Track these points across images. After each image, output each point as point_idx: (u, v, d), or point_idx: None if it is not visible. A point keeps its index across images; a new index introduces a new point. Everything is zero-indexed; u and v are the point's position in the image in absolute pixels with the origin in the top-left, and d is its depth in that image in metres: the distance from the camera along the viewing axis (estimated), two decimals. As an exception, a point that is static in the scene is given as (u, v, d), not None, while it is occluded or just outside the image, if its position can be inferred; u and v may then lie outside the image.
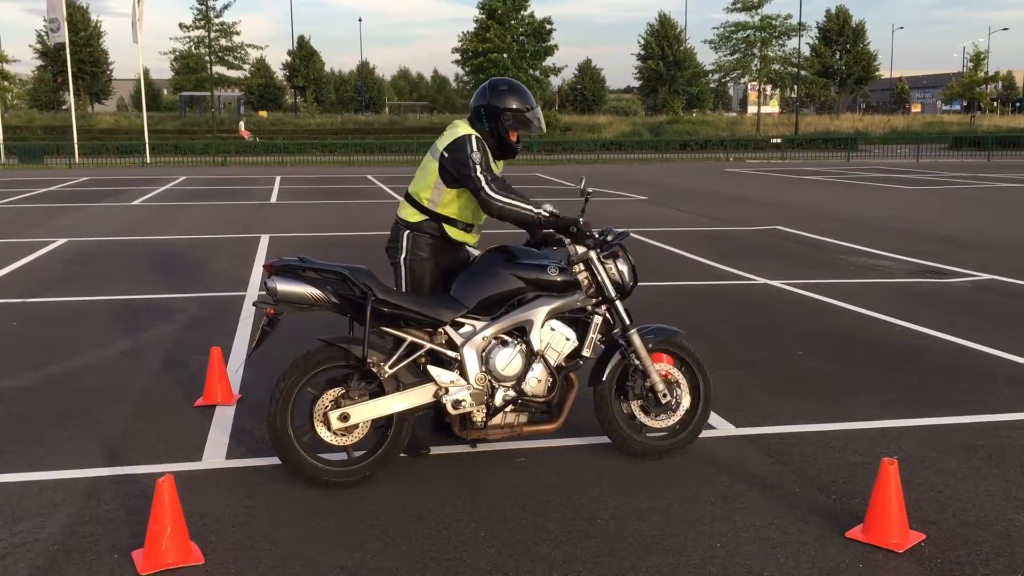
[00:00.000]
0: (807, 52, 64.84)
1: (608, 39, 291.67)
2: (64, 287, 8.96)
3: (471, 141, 4.21)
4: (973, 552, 3.41)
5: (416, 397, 4.01)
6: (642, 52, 69.21)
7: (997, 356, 6.21)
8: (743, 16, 56.12)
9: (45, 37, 52.37)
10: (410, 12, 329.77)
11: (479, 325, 4.10)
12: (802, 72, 58.50)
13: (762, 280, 9.23)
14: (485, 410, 4.09)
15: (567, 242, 4.27)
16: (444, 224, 4.36)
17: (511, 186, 4.50)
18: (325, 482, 3.97)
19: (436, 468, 4.24)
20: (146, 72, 49.93)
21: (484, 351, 4.08)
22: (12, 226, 14.09)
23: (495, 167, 4.36)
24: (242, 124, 48.20)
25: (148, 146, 35.35)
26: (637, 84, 72.51)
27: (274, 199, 19.28)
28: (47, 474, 4.17)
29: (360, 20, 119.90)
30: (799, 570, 3.28)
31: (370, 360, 3.91)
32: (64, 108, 61.63)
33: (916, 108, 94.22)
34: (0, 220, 15.02)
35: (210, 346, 5.42)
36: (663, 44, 67.98)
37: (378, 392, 3.98)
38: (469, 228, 4.41)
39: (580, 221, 4.21)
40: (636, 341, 4.24)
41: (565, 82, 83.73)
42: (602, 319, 4.27)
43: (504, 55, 51.64)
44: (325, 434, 3.95)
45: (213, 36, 56.86)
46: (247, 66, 62.26)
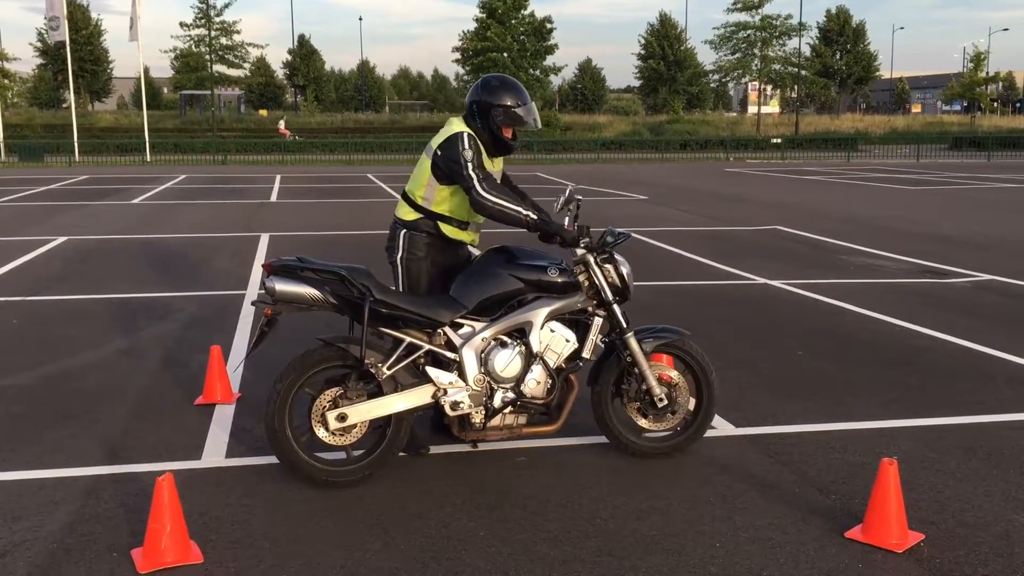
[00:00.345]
0: (807, 52, 64.90)
1: (608, 39, 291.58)
2: (64, 285, 8.96)
3: (463, 139, 4.19)
4: (972, 552, 3.41)
5: (414, 398, 4.01)
6: (642, 52, 69.18)
7: (997, 356, 6.21)
8: (743, 16, 56.16)
9: (45, 35, 52.36)
10: (410, 11, 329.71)
11: (478, 326, 4.09)
12: (802, 72, 58.51)
13: (762, 280, 9.23)
14: (484, 411, 4.08)
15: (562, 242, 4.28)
16: (439, 222, 4.34)
17: (509, 185, 4.50)
18: (323, 482, 3.97)
19: (436, 467, 4.24)
20: (146, 71, 49.96)
21: (483, 352, 4.07)
22: (12, 224, 14.09)
23: (491, 164, 4.33)
24: (282, 123, 48.26)
25: (148, 145, 35.36)
26: (637, 84, 72.47)
27: (274, 198, 19.28)
28: (46, 472, 4.17)
29: (360, 19, 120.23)
30: (798, 570, 3.28)
31: (368, 361, 3.91)
32: (64, 106, 61.62)
33: (916, 108, 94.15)
34: (0, 218, 15.03)
35: (210, 345, 5.41)
36: (663, 44, 67.92)
37: (376, 392, 3.98)
38: (464, 226, 4.38)
39: (566, 230, 4.17)
40: (632, 344, 4.22)
41: (565, 81, 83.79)
42: (602, 320, 4.26)
43: (504, 54, 51.63)
44: (323, 434, 3.95)
45: (213, 35, 56.85)
46: (247, 65, 62.29)
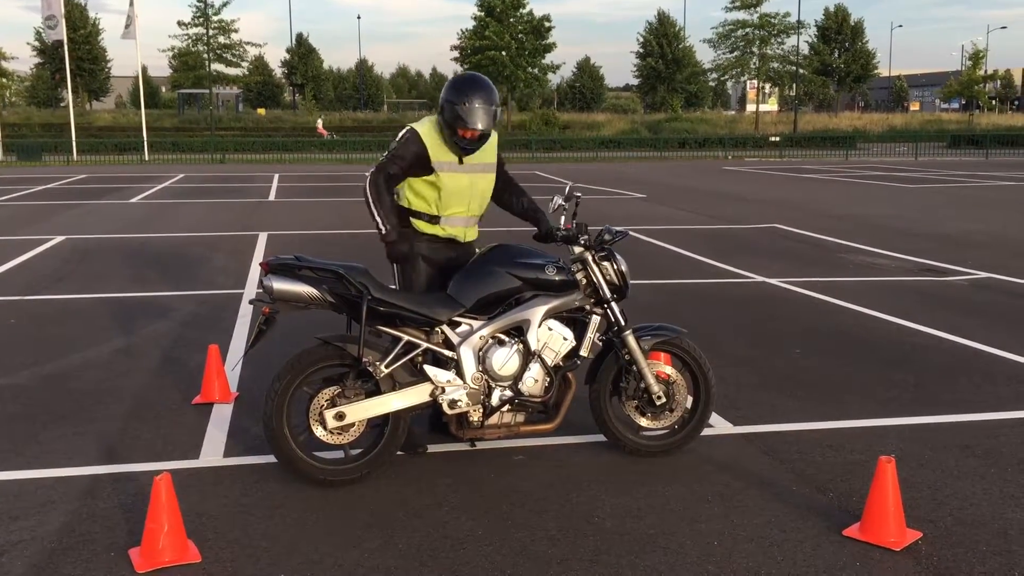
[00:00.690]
0: (806, 50, 64.84)
1: (607, 37, 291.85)
2: (61, 285, 8.95)
3: (406, 130, 4.33)
4: (970, 550, 3.41)
5: (412, 396, 4.00)
6: (641, 50, 69.17)
7: (995, 354, 6.21)
8: (742, 14, 56.19)
9: (43, 34, 52.30)
10: (409, 10, 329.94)
11: (476, 324, 4.08)
12: (801, 70, 58.52)
13: (760, 278, 9.23)
14: (482, 410, 4.08)
15: (559, 239, 4.28)
16: (411, 217, 4.36)
17: (508, 184, 4.48)
18: (321, 481, 3.97)
19: (434, 466, 4.24)
20: (144, 69, 49.88)
21: (481, 350, 4.06)
22: (10, 223, 14.08)
23: (450, 157, 4.26)
24: (320, 122, 48.20)
25: (146, 143, 35.35)
26: (636, 82, 72.47)
27: (272, 197, 19.27)
28: (44, 472, 4.17)
29: (359, 18, 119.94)
30: (796, 568, 3.28)
31: (366, 359, 3.90)
32: (62, 105, 61.54)
33: (915, 106, 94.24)
34: (-2, 217, 15.02)
35: (208, 344, 5.42)
36: (662, 42, 67.90)
37: (374, 391, 3.98)
38: (435, 220, 4.34)
39: (403, 249, 4.17)
40: (631, 342, 4.22)
41: (564, 80, 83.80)
42: (600, 319, 4.26)
43: (503, 53, 51.62)
44: (321, 433, 3.94)
45: (211, 34, 56.91)
46: (245, 64, 62.36)
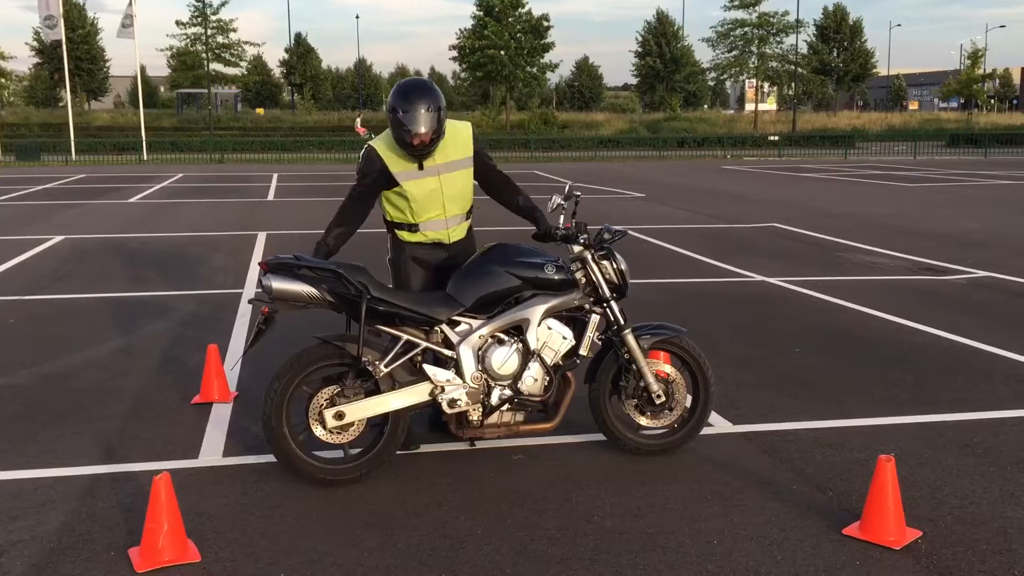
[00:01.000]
0: (804, 49, 64.91)
1: (605, 36, 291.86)
2: (60, 284, 8.94)
3: (364, 149, 4.33)
4: (970, 549, 3.41)
5: (412, 395, 4.00)
6: (640, 49, 69.18)
7: (994, 353, 6.21)
8: (741, 13, 56.21)
9: (42, 35, 52.27)
10: (407, 9, 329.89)
11: (475, 323, 4.08)
12: (799, 69, 58.53)
13: (759, 277, 9.23)
14: (481, 409, 4.08)
15: (558, 238, 4.28)
16: (395, 229, 4.38)
17: (503, 182, 4.47)
18: (321, 480, 3.97)
19: (433, 465, 4.24)
20: (143, 69, 49.86)
21: (480, 349, 4.06)
22: (9, 223, 14.07)
23: (408, 164, 4.19)
24: (359, 120, 48.07)
25: (145, 143, 35.34)
26: (635, 81, 72.48)
27: (271, 196, 19.27)
28: (43, 472, 4.16)
29: (357, 17, 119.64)
30: (796, 567, 3.28)
31: (365, 359, 3.90)
32: (61, 105, 61.51)
33: (913, 105, 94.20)
34: (-4, 217, 15.01)
35: (207, 343, 5.41)
36: (661, 41, 67.91)
37: (373, 390, 3.97)
38: (414, 228, 4.32)
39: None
40: (630, 341, 4.22)
41: (563, 79, 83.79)
42: (599, 318, 4.26)
43: (501, 52, 51.62)
44: (320, 432, 3.94)
45: (210, 33, 56.86)
46: (244, 63, 62.32)
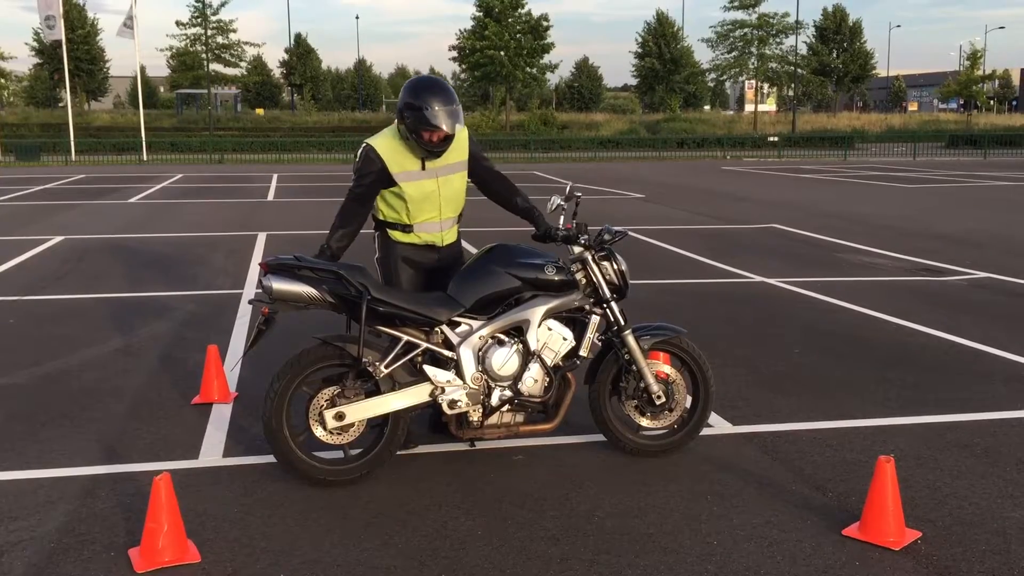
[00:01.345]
0: (804, 50, 64.89)
1: (605, 37, 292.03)
2: (60, 284, 8.95)
3: (361, 149, 4.33)
4: (969, 549, 3.41)
5: (412, 396, 4.00)
6: (639, 50, 69.17)
7: (993, 354, 6.22)
8: (741, 14, 56.13)
9: (41, 35, 52.30)
10: (407, 10, 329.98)
11: (476, 324, 4.08)
12: (799, 70, 58.53)
13: (759, 278, 9.23)
14: (481, 410, 4.08)
15: (558, 239, 4.28)
16: (387, 229, 4.39)
17: (499, 182, 4.49)
18: (321, 481, 3.97)
19: (433, 466, 4.24)
20: (143, 69, 49.78)
21: (480, 350, 4.06)
22: (8, 223, 14.07)
23: (414, 164, 4.23)
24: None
25: (145, 144, 35.31)
26: (634, 82, 72.48)
27: (271, 197, 19.27)
28: (43, 472, 4.17)
29: (357, 18, 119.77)
30: (795, 568, 3.29)
31: (366, 360, 3.90)
32: (61, 105, 61.51)
33: (913, 107, 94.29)
34: (-4, 218, 15.00)
35: (207, 344, 5.42)
36: (660, 42, 67.89)
37: (374, 391, 3.97)
38: (408, 228, 4.34)
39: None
40: (630, 342, 4.22)
41: (562, 80, 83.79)
42: (599, 319, 4.25)
43: (501, 52, 51.61)
44: (321, 433, 3.94)
45: (210, 34, 56.84)
46: (244, 64, 62.33)
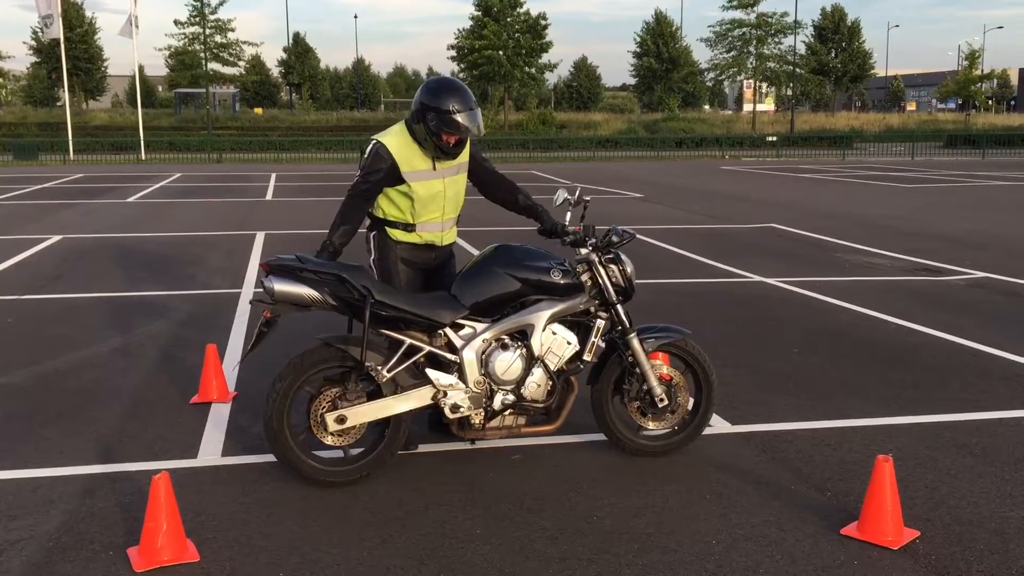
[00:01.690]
0: (803, 50, 64.91)
1: (604, 36, 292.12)
2: (59, 284, 8.94)
3: (371, 145, 4.23)
4: (967, 549, 3.42)
5: (414, 400, 3.98)
6: (638, 49, 69.18)
7: (991, 354, 6.23)
8: (739, 14, 56.15)
9: (40, 34, 52.24)
10: (406, 9, 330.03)
11: (479, 327, 4.05)
12: (797, 70, 58.52)
13: (758, 278, 9.24)
14: (483, 413, 4.06)
15: (567, 242, 4.25)
16: (385, 226, 4.33)
17: (497, 181, 4.49)
18: (321, 481, 3.96)
19: (432, 465, 4.24)
20: (141, 69, 49.53)
21: (484, 354, 4.03)
22: (6, 223, 14.05)
23: (425, 163, 4.21)
24: None
25: (143, 143, 35.29)
26: (633, 82, 72.48)
27: (269, 196, 19.26)
28: (42, 471, 4.17)
29: (356, 17, 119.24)
30: (794, 567, 3.29)
31: (368, 364, 3.89)
32: (59, 104, 61.42)
33: (911, 106, 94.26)
34: (-6, 217, 14.99)
35: (205, 343, 5.42)
36: (659, 41, 67.92)
37: (375, 393, 3.96)
38: (410, 228, 4.30)
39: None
40: (635, 345, 4.19)
41: (561, 79, 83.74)
42: (604, 323, 4.20)
43: (500, 52, 51.60)
44: (322, 434, 3.93)
45: (208, 33, 56.77)
46: (242, 63, 62.26)
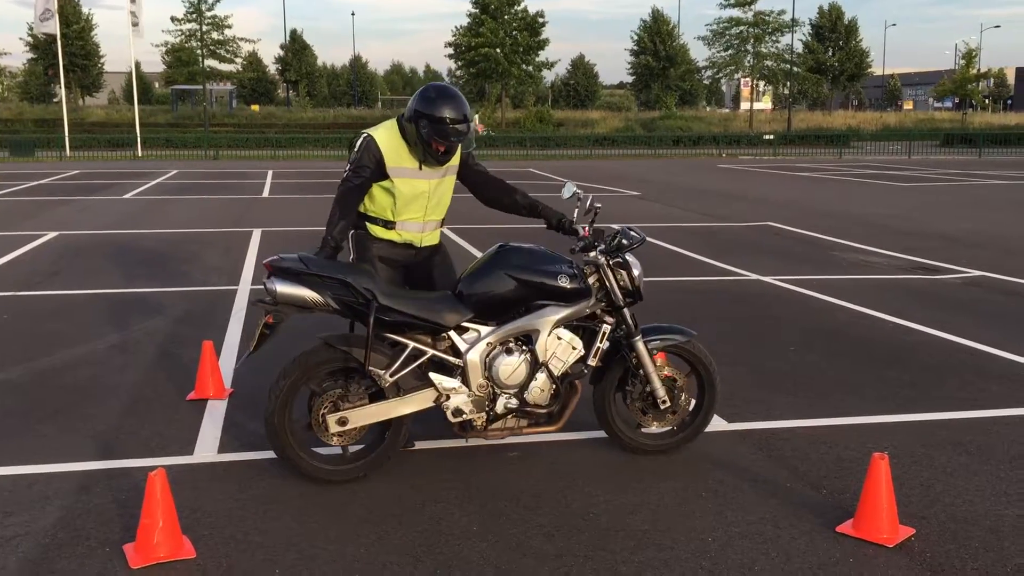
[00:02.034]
0: (800, 49, 64.93)
1: (601, 34, 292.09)
2: (55, 280, 8.92)
3: (362, 139, 4.20)
4: (962, 547, 3.43)
5: (416, 402, 3.96)
6: (635, 47, 69.18)
7: (988, 352, 6.24)
8: (736, 12, 56.22)
9: (35, 27, 52.10)
10: (403, 6, 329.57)
11: (484, 331, 4.01)
12: (795, 69, 58.57)
13: (755, 276, 9.25)
14: (485, 417, 4.04)
15: (577, 249, 4.20)
16: (366, 222, 4.31)
17: (492, 182, 4.47)
18: (320, 479, 3.96)
19: (429, 462, 4.24)
20: (138, 65, 49.40)
21: (487, 357, 4.00)
22: (3, 219, 14.02)
23: (412, 163, 4.18)
24: (477, 117, 47.52)
25: (140, 139, 35.24)
26: (630, 79, 72.50)
27: (266, 193, 19.23)
28: (38, 468, 4.16)
29: (353, 14, 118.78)
30: (790, 564, 3.30)
31: (371, 369, 3.86)
32: (55, 101, 61.37)
33: (908, 105, 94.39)
34: (-10, 213, 14.96)
35: (202, 340, 5.41)
36: (656, 40, 67.95)
37: (377, 394, 3.94)
38: (390, 225, 4.27)
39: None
40: (640, 348, 4.17)
41: (558, 77, 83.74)
42: (610, 328, 4.15)
43: (497, 49, 51.58)
44: (322, 434, 3.92)
45: (205, 29, 56.71)
46: (239, 60, 62.20)
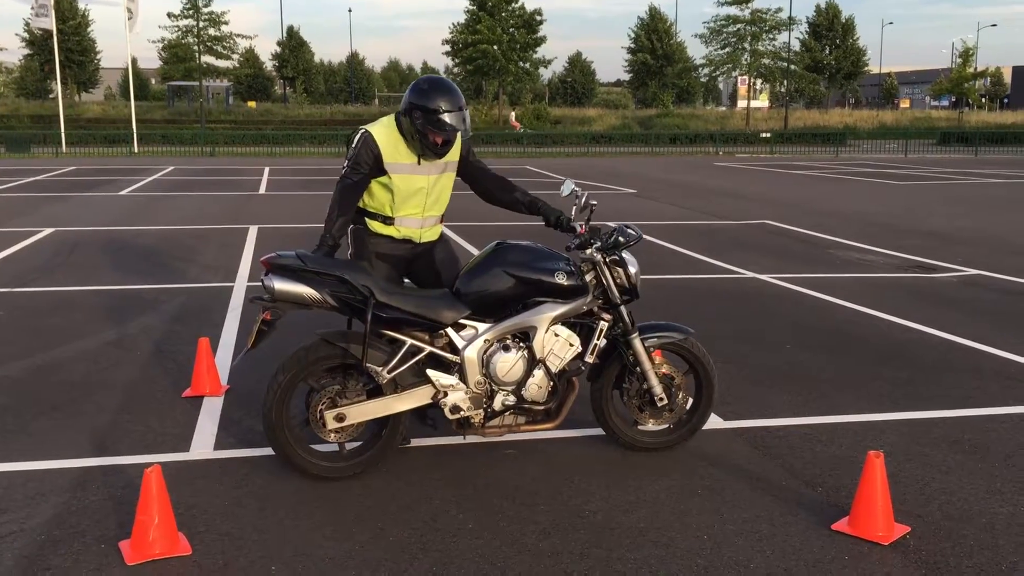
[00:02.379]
0: (797, 47, 64.96)
1: (598, 32, 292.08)
2: (51, 277, 8.91)
3: (359, 135, 4.24)
4: (957, 544, 3.44)
5: (414, 399, 3.96)
6: (632, 45, 69.17)
7: (983, 351, 6.25)
8: (734, 10, 56.12)
9: (31, 21, 51.98)
10: (400, 3, 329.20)
11: (481, 328, 4.01)
12: (792, 67, 58.57)
13: (751, 274, 9.26)
14: (483, 414, 4.05)
15: (572, 246, 4.21)
16: (365, 217, 4.33)
17: (490, 179, 4.46)
18: (317, 476, 3.96)
19: (425, 459, 4.24)
20: (134, 61, 49.34)
21: (485, 354, 4.00)
22: (-2, 215, 14.00)
23: (410, 158, 4.19)
24: (513, 115, 47.29)
25: (136, 136, 35.15)
26: (627, 77, 72.51)
27: (263, 190, 19.20)
28: (34, 464, 4.16)
29: (350, 11, 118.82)
30: (785, 562, 3.30)
31: (368, 365, 3.87)
32: (51, 97, 61.19)
33: (905, 104, 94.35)
34: (-14, 209, 14.92)
35: (198, 337, 5.41)
36: (653, 37, 67.95)
37: (375, 391, 3.95)
38: (388, 221, 4.29)
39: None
40: (637, 345, 4.17)
41: (555, 75, 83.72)
42: (607, 325, 4.16)
43: (494, 47, 51.53)
44: (320, 431, 3.93)
45: (202, 26, 56.59)
46: (236, 56, 62.10)
